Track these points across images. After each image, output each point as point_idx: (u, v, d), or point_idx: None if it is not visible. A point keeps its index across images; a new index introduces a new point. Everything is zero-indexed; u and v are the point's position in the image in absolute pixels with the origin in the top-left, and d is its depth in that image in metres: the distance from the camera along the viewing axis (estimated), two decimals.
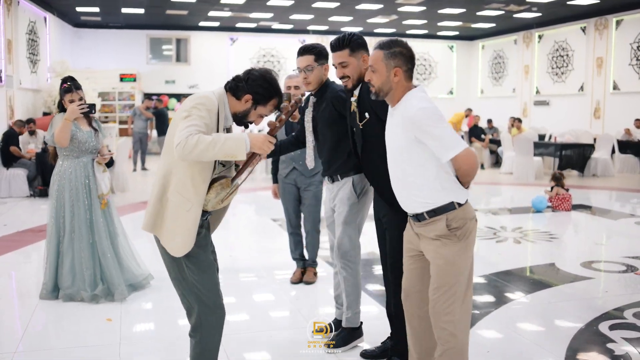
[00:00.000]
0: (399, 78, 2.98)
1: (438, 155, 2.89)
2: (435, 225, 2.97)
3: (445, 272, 2.97)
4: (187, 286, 3.01)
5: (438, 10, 17.64)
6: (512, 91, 21.50)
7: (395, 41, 3.02)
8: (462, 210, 2.98)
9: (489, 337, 4.36)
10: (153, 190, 2.99)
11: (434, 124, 2.86)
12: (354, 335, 4.07)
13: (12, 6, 13.81)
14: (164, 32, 21.35)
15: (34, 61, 15.62)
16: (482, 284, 5.64)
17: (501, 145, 15.72)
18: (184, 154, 2.71)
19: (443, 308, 2.97)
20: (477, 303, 5.06)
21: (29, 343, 4.19)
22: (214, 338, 3.08)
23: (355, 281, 4.02)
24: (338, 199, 3.97)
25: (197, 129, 2.76)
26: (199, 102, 2.86)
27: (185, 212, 2.89)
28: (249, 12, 18.26)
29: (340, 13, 18.37)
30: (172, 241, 2.93)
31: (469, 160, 2.91)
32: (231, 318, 4.66)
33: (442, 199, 2.95)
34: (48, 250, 5.06)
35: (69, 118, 4.91)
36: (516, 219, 9.03)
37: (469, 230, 3.00)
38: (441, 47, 23.97)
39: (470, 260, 3.04)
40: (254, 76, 2.98)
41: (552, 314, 4.87)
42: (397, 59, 2.97)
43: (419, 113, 2.88)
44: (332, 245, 4.22)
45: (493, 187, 13.06)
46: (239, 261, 6.37)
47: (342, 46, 3.58)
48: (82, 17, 19.03)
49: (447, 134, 2.86)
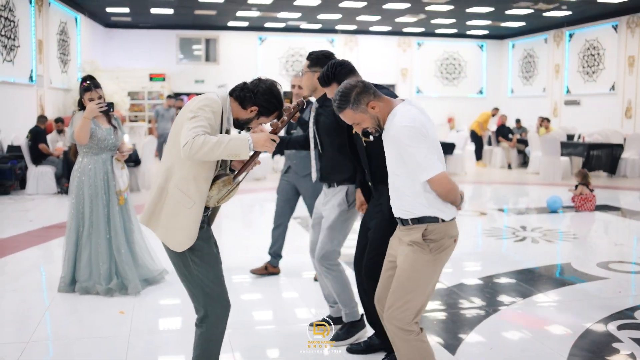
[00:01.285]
0: (377, 106, 3.01)
1: (416, 175, 2.92)
2: (415, 231, 3.02)
3: (407, 277, 3.00)
4: (192, 280, 3.09)
5: (466, 9, 17.54)
6: (543, 91, 21.27)
7: (345, 89, 3.00)
8: (444, 226, 3.02)
9: (494, 335, 4.35)
10: (154, 186, 3.09)
11: (411, 143, 2.88)
12: (356, 327, 4.14)
13: (43, 7, 14.13)
14: (193, 32, 21.59)
15: (64, 61, 15.94)
16: (493, 282, 5.63)
17: (529, 145, 15.57)
18: (191, 154, 2.81)
19: (396, 313, 3.01)
20: (483, 302, 5.06)
21: (42, 333, 4.33)
22: (218, 329, 3.17)
23: (342, 281, 4.08)
24: (329, 204, 4.04)
25: (203, 129, 2.85)
26: (205, 104, 2.96)
27: (187, 209, 2.98)
28: (276, 12, 18.38)
29: (368, 12, 18.39)
30: (171, 237, 3.02)
31: (442, 184, 2.91)
32: (248, 314, 4.77)
33: (428, 213, 3.00)
34: (67, 245, 5.19)
35: (87, 116, 5.02)
36: (538, 219, 8.95)
37: (444, 247, 3.02)
38: (471, 46, 23.81)
39: (434, 276, 3.06)
40: (262, 89, 3.07)
41: (561, 313, 4.85)
42: (362, 99, 2.99)
43: (399, 132, 2.91)
44: (312, 243, 4.30)
45: (519, 187, 12.96)
46: (254, 259, 6.43)
47: (329, 82, 3.62)
48: (112, 17, 19.36)
49: (423, 156, 2.87)
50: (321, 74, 3.65)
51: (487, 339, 4.25)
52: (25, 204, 9.88)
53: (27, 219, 8.50)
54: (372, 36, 22.69)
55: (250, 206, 10.55)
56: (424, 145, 2.89)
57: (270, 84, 3.09)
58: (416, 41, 23.18)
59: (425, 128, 2.93)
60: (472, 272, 5.95)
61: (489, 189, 13.04)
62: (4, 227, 8.02)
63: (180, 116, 3.03)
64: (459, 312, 4.81)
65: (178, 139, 2.96)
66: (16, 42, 12.63)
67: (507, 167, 16.16)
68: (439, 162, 2.91)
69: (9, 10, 12.26)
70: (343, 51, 22.48)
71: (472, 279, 5.72)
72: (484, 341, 4.22)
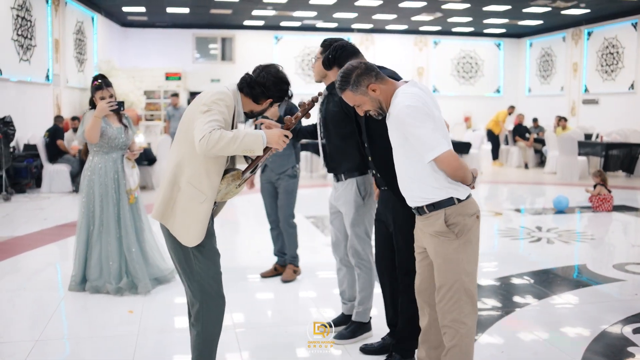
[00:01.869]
0: (378, 89, 2.97)
1: (421, 155, 2.87)
2: (434, 220, 2.96)
3: (445, 270, 2.96)
4: (192, 275, 3.08)
5: (483, 7, 17.39)
6: (561, 89, 21.05)
7: (347, 71, 2.98)
8: (462, 206, 2.96)
9: (505, 338, 4.27)
10: (164, 180, 3.06)
11: (414, 122, 2.82)
12: (362, 329, 4.12)
13: (60, 7, 14.20)
14: (209, 31, 21.61)
15: (81, 60, 16.03)
16: (507, 283, 5.55)
17: (546, 145, 15.41)
18: (207, 149, 2.79)
19: (448, 307, 2.97)
20: (497, 303, 4.98)
21: (51, 332, 4.32)
22: (214, 328, 3.14)
23: (369, 278, 4.05)
24: (343, 200, 4.00)
25: (218, 124, 2.84)
26: (219, 98, 2.94)
27: (199, 204, 2.97)
28: (292, 10, 18.35)
29: (384, 11, 18.30)
30: (185, 232, 3.00)
31: (449, 163, 2.85)
32: (259, 313, 4.74)
33: (441, 194, 2.94)
34: (77, 244, 5.19)
35: (98, 115, 5.02)
36: (554, 219, 8.84)
37: (468, 226, 2.96)
38: (488, 44, 23.62)
39: (472, 257, 3.01)
40: (272, 81, 3.06)
41: (575, 315, 4.77)
42: (362, 80, 2.96)
43: (402, 111, 2.85)
44: (334, 240, 4.24)
45: (536, 187, 12.82)
46: (267, 259, 6.40)
47: (330, 65, 3.61)
48: (128, 16, 19.43)
49: (428, 135, 2.82)
50: (324, 57, 3.61)
51: (499, 341, 4.19)
52: (41, 202, 9.93)
53: (42, 217, 8.54)
54: (388, 35, 22.59)
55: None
56: (428, 124, 2.83)
57: (276, 72, 3.08)
58: (433, 40, 23.04)
59: (428, 107, 2.88)
60: (486, 273, 5.88)
61: (505, 188, 12.92)
62: (18, 225, 8.06)
63: (190, 110, 3.01)
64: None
65: (188, 133, 2.94)
66: (33, 42, 12.70)
67: (524, 166, 16.01)
68: (445, 140, 2.85)
69: (26, 10, 12.33)
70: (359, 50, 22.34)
71: (486, 279, 5.65)
72: (497, 343, 4.15)
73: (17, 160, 11.01)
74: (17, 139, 11.51)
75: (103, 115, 5.05)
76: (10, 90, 11.62)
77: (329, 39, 3.94)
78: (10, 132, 10.41)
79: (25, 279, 5.69)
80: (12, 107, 11.37)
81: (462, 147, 14.31)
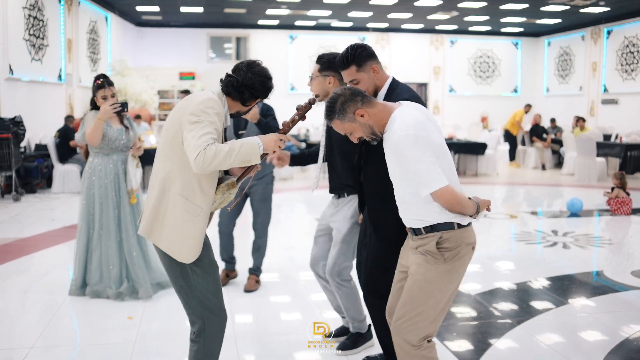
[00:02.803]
0: (366, 114, 2.79)
1: (417, 189, 2.71)
2: (429, 240, 2.80)
3: (419, 288, 2.78)
4: (190, 291, 2.90)
5: (500, 6, 17.15)
6: (579, 89, 20.72)
7: (331, 100, 2.83)
8: (460, 232, 2.79)
9: (514, 348, 4.09)
10: (151, 193, 2.88)
11: (411, 155, 2.65)
12: (364, 338, 4.00)
13: (73, 6, 14.18)
14: (224, 30, 21.54)
15: (94, 60, 16.01)
16: (521, 289, 5.37)
17: (563, 146, 15.13)
18: (204, 167, 2.63)
19: (405, 326, 2.79)
20: (508, 311, 4.81)
21: (47, 339, 4.20)
22: (215, 343, 2.99)
23: (352, 296, 3.90)
24: (340, 216, 3.85)
25: (211, 137, 2.68)
26: (208, 106, 2.76)
27: (195, 218, 2.81)
28: (306, 9, 18.22)
29: (399, 10, 18.11)
30: (179, 248, 2.82)
31: (445, 199, 2.69)
32: (260, 320, 4.60)
33: (441, 218, 2.77)
34: (77, 247, 5.08)
35: (101, 118, 4.90)
36: (570, 223, 8.62)
37: (460, 255, 2.80)
38: (505, 44, 23.32)
39: (451, 288, 2.83)
40: (258, 82, 2.90)
41: (590, 325, 4.56)
42: (347, 107, 2.79)
43: (399, 141, 2.68)
44: (314, 259, 4.07)
45: (553, 189, 12.57)
46: (280, 260, 6.28)
47: (348, 63, 3.35)
48: (143, 16, 19.40)
49: (424, 169, 2.65)
50: (340, 57, 3.41)
51: (513, 349, 4.02)
52: (51, 203, 9.87)
53: (50, 218, 8.47)
54: (404, 34, 22.38)
55: (278, 206, 10.39)
56: (426, 157, 2.65)
57: (261, 71, 2.91)
58: (449, 39, 22.80)
59: (427, 132, 2.69)
60: (500, 279, 5.69)
61: (521, 190, 12.69)
62: (25, 225, 8.00)
63: (175, 118, 2.81)
64: (483, 321, 4.56)
65: (174, 143, 2.77)
66: (45, 41, 12.68)
67: (541, 167, 15.74)
68: (442, 175, 2.67)
69: (38, 10, 12.30)
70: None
71: (500, 285, 5.47)
72: (511, 351, 3.98)
73: (27, 160, 10.98)
74: (28, 139, 11.49)
75: (106, 117, 4.93)
76: (21, 90, 11.59)
77: (325, 56, 3.75)
78: (21, 132, 10.37)
79: (27, 282, 5.60)
80: (24, 107, 11.35)
81: (478, 148, 14.11)
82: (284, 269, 5.98)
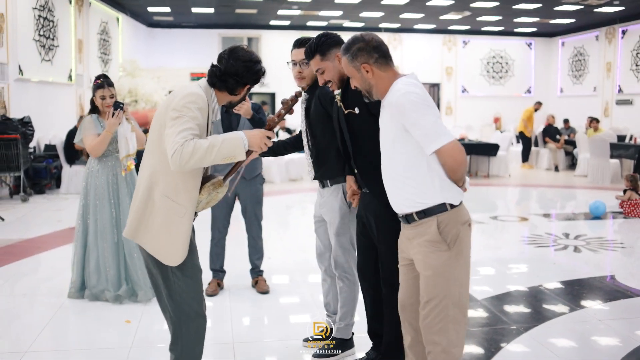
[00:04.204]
0: (371, 72, 2.74)
1: (421, 147, 2.61)
2: (425, 228, 2.70)
3: (435, 283, 2.68)
4: (170, 295, 2.81)
5: (513, 5, 16.97)
6: (593, 90, 20.46)
7: (354, 39, 2.78)
8: (454, 212, 2.70)
9: (523, 353, 3.97)
10: (136, 194, 2.79)
11: (416, 109, 2.58)
12: (344, 346, 3.86)
13: (83, 7, 14.18)
14: (235, 31, 21.51)
15: (105, 60, 16.01)
16: (528, 295, 5.23)
17: (576, 147, 14.93)
18: (181, 165, 2.52)
19: (435, 323, 2.69)
20: (516, 317, 4.68)
21: (42, 343, 4.13)
22: (194, 351, 2.88)
23: (352, 293, 3.80)
24: (328, 208, 3.75)
25: (191, 132, 2.56)
26: (190, 100, 2.64)
27: (179, 219, 2.71)
28: (318, 10, 18.13)
29: (411, 10, 17.99)
30: (165, 249, 2.73)
31: (454, 154, 2.60)
32: (258, 326, 4.51)
33: (434, 198, 2.67)
34: (75, 249, 5.01)
35: (110, 131, 4.82)
36: (582, 226, 8.46)
37: (461, 236, 2.70)
38: (518, 44, 23.11)
39: (464, 269, 2.74)
40: (241, 68, 2.75)
41: (601, 331, 4.42)
42: (360, 57, 2.74)
43: (402, 98, 2.60)
44: (319, 251, 3.99)
45: (565, 191, 12.39)
46: (291, 262, 6.19)
47: (312, 53, 3.34)
48: (154, 17, 19.40)
49: (431, 123, 2.58)
50: (306, 47, 3.36)
51: (522, 354, 3.90)
52: (59, 204, 9.85)
53: (56, 219, 8.43)
54: (416, 34, 22.23)
55: (288, 207, 10.33)
56: (431, 112, 2.60)
57: (244, 56, 2.77)
58: (462, 39, 22.62)
59: (430, 100, 2.64)
60: (510, 283, 5.56)
61: (532, 192, 12.52)
62: (31, 226, 7.97)
63: (160, 114, 2.71)
64: (490, 327, 4.44)
65: (160, 141, 2.66)
66: (55, 42, 12.67)
67: (554, 169, 15.54)
68: (448, 130, 2.61)
69: (48, 11, 12.30)
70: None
71: (509, 290, 5.34)
72: (520, 356, 3.86)
73: (37, 161, 10.98)
74: (37, 140, 11.49)
75: (114, 130, 4.85)
76: (31, 91, 11.59)
77: (302, 38, 3.69)
78: (29, 132, 10.36)
79: (27, 285, 5.54)
80: (33, 107, 11.34)
81: (490, 149, 13.95)
82: (291, 272, 5.89)
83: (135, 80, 15.96)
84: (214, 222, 5.17)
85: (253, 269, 5.33)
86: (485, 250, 6.88)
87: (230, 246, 5.36)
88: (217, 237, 5.19)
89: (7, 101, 10.49)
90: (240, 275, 5.52)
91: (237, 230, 5.80)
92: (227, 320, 4.56)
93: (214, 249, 5.23)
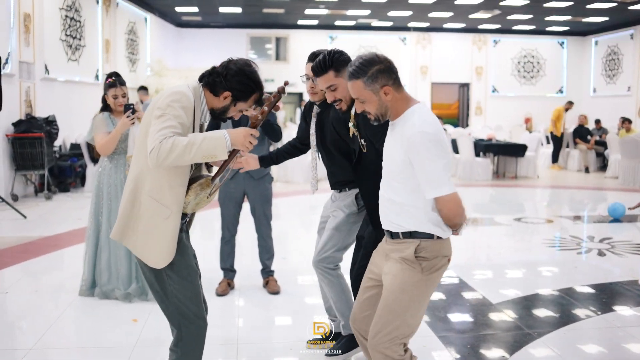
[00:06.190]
0: (391, 94, 2.62)
1: (422, 189, 2.56)
2: (404, 247, 2.64)
3: (395, 299, 2.63)
4: (167, 298, 2.75)
5: (544, 4, 16.67)
6: (627, 90, 20.00)
7: (368, 61, 2.61)
8: (439, 243, 2.65)
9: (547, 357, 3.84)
10: (124, 195, 2.74)
11: (427, 153, 2.50)
12: (355, 341, 3.73)
13: (111, 7, 14.30)
14: (263, 31, 21.54)
15: (132, 60, 16.14)
16: (546, 299, 5.08)
17: (608, 148, 14.59)
18: (159, 161, 2.46)
19: (383, 341, 2.65)
20: (535, 321, 4.53)
21: (48, 340, 4.11)
22: (194, 353, 2.82)
23: (338, 288, 3.70)
24: (338, 205, 3.69)
25: (172, 130, 2.50)
26: (174, 99, 2.57)
27: (164, 220, 2.64)
28: (345, 9, 18.05)
29: (440, 9, 17.80)
30: (150, 252, 2.67)
31: (451, 206, 2.56)
32: (262, 328, 4.45)
33: (423, 226, 2.63)
34: (87, 246, 5.01)
35: (120, 130, 4.81)
36: (609, 229, 8.22)
37: (437, 267, 2.65)
38: (550, 43, 22.72)
39: (425, 299, 2.69)
40: (232, 71, 2.67)
41: (622, 338, 4.25)
42: (381, 78, 2.59)
43: (417, 136, 2.51)
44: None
45: (595, 192, 12.10)
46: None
47: (326, 68, 3.21)
48: (182, 17, 19.51)
49: (437, 170, 2.51)
50: (316, 63, 3.25)
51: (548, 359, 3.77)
52: (82, 202, 9.90)
53: (76, 217, 8.47)
54: (445, 34, 22.01)
55: (311, 207, 10.25)
56: (442, 160, 2.52)
57: (242, 64, 2.69)
58: (492, 38, 22.33)
59: (444, 137, 2.58)
60: (533, 286, 5.41)
61: (561, 193, 12.24)
62: (51, 224, 8.02)
63: (147, 114, 2.65)
64: (503, 332, 4.30)
65: (146, 141, 2.61)
66: (82, 42, 12.80)
67: (584, 170, 15.21)
68: (452, 181, 2.56)
69: (75, 11, 12.42)
70: (415, 49, 21.93)
71: (534, 292, 5.19)
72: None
73: (62, 160, 11.08)
74: (63, 138, 11.60)
75: (124, 130, 4.83)
76: (57, 90, 11.71)
77: (316, 51, 3.57)
78: (54, 131, 10.46)
79: (40, 282, 5.57)
80: (59, 106, 11.45)
81: (517, 150, 13.70)
82: (303, 273, 5.81)
83: (162, 80, 16.08)
84: (223, 221, 5.13)
85: (264, 269, 5.27)
86: (507, 252, 6.70)
87: (243, 246, 5.31)
88: (227, 237, 5.15)
89: (33, 100, 10.60)
90: (252, 275, 5.46)
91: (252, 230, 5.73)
92: (235, 320, 4.51)
93: (224, 248, 5.19)
